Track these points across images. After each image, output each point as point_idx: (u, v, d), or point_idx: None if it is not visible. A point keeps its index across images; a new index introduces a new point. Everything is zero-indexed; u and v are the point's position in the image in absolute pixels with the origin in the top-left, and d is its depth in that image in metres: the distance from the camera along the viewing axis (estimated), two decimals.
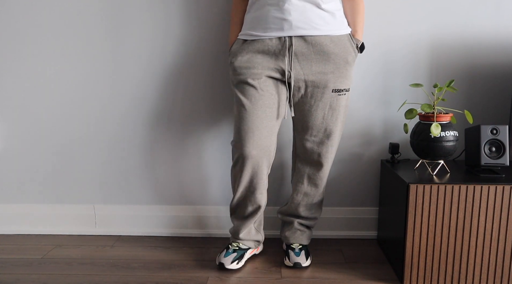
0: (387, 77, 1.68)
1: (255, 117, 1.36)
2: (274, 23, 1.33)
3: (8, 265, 1.56)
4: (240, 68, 1.37)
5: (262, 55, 1.36)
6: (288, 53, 1.34)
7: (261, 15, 1.34)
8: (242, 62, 1.37)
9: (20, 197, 1.85)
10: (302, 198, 1.55)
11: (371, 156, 1.74)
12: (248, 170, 1.42)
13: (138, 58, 1.70)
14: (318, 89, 1.38)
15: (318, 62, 1.36)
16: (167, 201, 1.82)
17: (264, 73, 1.36)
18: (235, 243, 1.56)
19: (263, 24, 1.34)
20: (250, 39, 1.37)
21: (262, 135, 1.37)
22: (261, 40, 1.35)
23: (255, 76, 1.36)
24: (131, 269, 1.53)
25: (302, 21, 1.32)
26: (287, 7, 1.30)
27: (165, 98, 1.73)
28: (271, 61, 1.36)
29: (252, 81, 1.36)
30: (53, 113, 1.76)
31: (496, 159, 1.40)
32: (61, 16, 1.67)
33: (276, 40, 1.34)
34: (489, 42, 1.63)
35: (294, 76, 1.36)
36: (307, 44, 1.34)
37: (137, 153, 1.79)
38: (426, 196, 1.33)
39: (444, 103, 1.67)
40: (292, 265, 1.50)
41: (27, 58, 1.72)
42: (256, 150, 1.38)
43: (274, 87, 1.38)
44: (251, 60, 1.36)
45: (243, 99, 1.37)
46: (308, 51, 1.34)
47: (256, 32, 1.36)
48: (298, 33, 1.32)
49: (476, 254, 1.36)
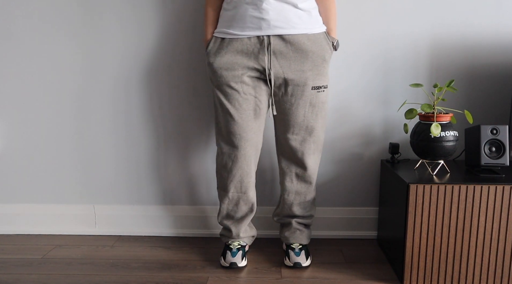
0: (387, 77, 1.68)
1: (241, 121, 1.41)
2: (252, 23, 1.34)
3: (8, 265, 1.56)
4: (220, 69, 1.38)
5: (241, 55, 1.37)
6: (267, 52, 1.35)
7: (239, 14, 1.35)
8: (222, 63, 1.38)
9: (20, 197, 1.85)
10: (294, 197, 1.55)
11: (371, 156, 1.74)
12: (238, 171, 1.47)
13: (139, 58, 1.70)
14: (298, 87, 1.39)
15: (296, 60, 1.37)
16: (167, 201, 1.82)
17: (245, 74, 1.38)
18: (236, 242, 1.57)
19: (240, 23, 1.35)
20: (228, 38, 1.37)
21: (248, 136, 1.43)
22: (240, 39, 1.36)
23: (237, 79, 1.37)
24: (131, 269, 1.53)
25: (280, 20, 1.33)
26: (265, 6, 1.32)
27: (165, 98, 1.73)
28: (251, 60, 1.37)
29: (235, 85, 1.38)
30: (53, 113, 1.76)
31: (496, 159, 1.40)
32: (60, 14, 1.67)
33: (254, 39, 1.35)
34: (489, 42, 1.63)
35: (274, 74, 1.38)
36: (285, 43, 1.36)
37: (137, 153, 1.79)
38: (426, 196, 1.33)
39: (444, 103, 1.67)
40: (292, 265, 1.50)
41: (25, 58, 1.72)
42: (245, 149, 1.44)
43: (255, 88, 1.40)
44: (231, 61, 1.37)
45: (227, 104, 1.40)
46: (287, 49, 1.36)
47: (234, 31, 1.36)
48: (276, 32, 1.34)
49: (476, 254, 1.36)
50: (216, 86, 1.42)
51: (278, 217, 1.62)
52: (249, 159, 1.47)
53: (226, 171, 1.49)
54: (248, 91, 1.39)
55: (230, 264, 1.49)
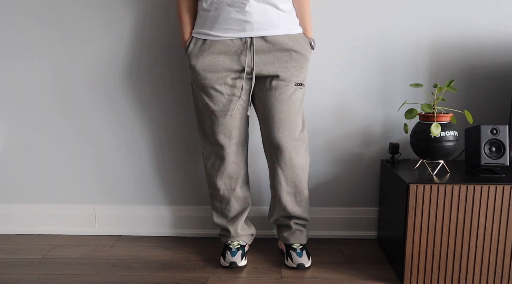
0: (387, 77, 1.68)
1: (225, 121, 1.43)
2: (235, 25, 1.35)
3: (8, 265, 1.56)
4: (204, 71, 1.39)
5: (223, 56, 1.37)
6: (250, 52, 1.37)
7: (220, 16, 1.35)
8: (205, 65, 1.38)
9: (20, 197, 1.85)
10: (286, 197, 1.52)
11: (371, 156, 1.74)
12: (226, 169, 1.50)
13: (138, 57, 1.70)
14: (283, 82, 1.41)
15: (280, 58, 1.39)
16: (167, 201, 1.82)
17: (228, 76, 1.39)
18: (235, 241, 1.58)
19: (223, 25, 1.35)
20: (210, 40, 1.37)
21: (233, 134, 1.46)
22: (222, 41, 1.36)
23: (221, 81, 1.39)
24: (131, 269, 1.53)
25: (263, 22, 1.35)
26: (248, 9, 1.33)
27: (165, 98, 1.73)
28: (234, 61, 1.37)
29: (219, 87, 1.40)
30: (53, 113, 1.76)
31: (496, 159, 1.40)
32: (59, 15, 1.68)
33: (237, 41, 1.36)
34: (489, 42, 1.63)
35: (257, 72, 1.39)
36: (268, 43, 1.37)
37: (137, 153, 1.79)
38: (426, 196, 1.33)
39: (444, 103, 1.67)
40: (296, 266, 1.50)
41: (25, 58, 1.72)
42: (231, 148, 1.48)
43: (238, 89, 1.42)
44: (214, 63, 1.38)
45: (211, 106, 1.42)
46: (269, 49, 1.38)
47: (216, 32, 1.36)
48: (258, 34, 1.36)
49: (476, 254, 1.36)
50: (200, 88, 1.43)
51: (275, 219, 1.61)
52: (235, 156, 1.49)
53: (214, 170, 1.52)
54: (232, 92, 1.41)
55: (230, 263, 1.50)
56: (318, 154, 1.75)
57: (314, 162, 1.76)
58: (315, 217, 1.79)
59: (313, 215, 1.79)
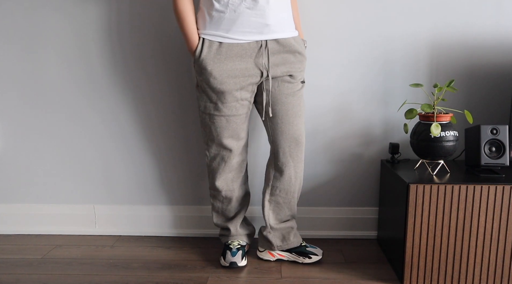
0: (387, 77, 1.68)
1: (235, 125, 1.43)
2: (254, 28, 1.34)
3: (8, 265, 1.56)
4: (221, 76, 1.35)
5: (240, 60, 1.36)
6: (265, 54, 1.37)
7: (239, 18, 1.32)
8: (224, 70, 1.35)
9: (20, 197, 1.85)
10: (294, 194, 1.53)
11: (371, 156, 1.74)
12: (231, 171, 1.50)
13: (141, 56, 1.70)
14: (293, 78, 1.43)
15: (287, 60, 1.41)
16: (167, 201, 1.82)
17: (246, 80, 1.38)
18: (236, 241, 1.58)
19: (241, 28, 1.34)
20: (227, 43, 1.34)
21: (240, 136, 1.46)
22: (240, 44, 1.35)
23: (238, 86, 1.38)
24: (131, 269, 1.53)
25: (278, 25, 1.37)
26: (268, 12, 1.33)
27: (165, 99, 1.73)
28: (250, 64, 1.37)
29: (235, 92, 1.38)
30: (53, 114, 1.76)
31: (496, 159, 1.40)
32: (62, 17, 1.67)
33: (253, 44, 1.36)
34: (489, 42, 1.63)
35: (272, 74, 1.39)
36: (279, 45, 1.38)
37: (137, 153, 1.79)
38: (426, 196, 1.33)
39: (444, 103, 1.67)
40: (321, 256, 1.57)
41: (25, 58, 1.72)
42: (238, 150, 1.48)
43: (251, 92, 1.42)
44: (233, 68, 1.36)
45: (225, 110, 1.40)
46: (279, 51, 1.39)
47: (234, 35, 1.34)
48: (274, 37, 1.37)
49: (476, 254, 1.36)
50: (214, 93, 1.38)
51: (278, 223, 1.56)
52: (239, 157, 1.50)
53: (217, 172, 1.51)
54: (245, 96, 1.41)
55: (230, 263, 1.50)
56: (318, 153, 1.75)
57: (314, 162, 1.76)
58: (315, 217, 1.79)
59: (313, 215, 1.79)
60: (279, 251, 1.58)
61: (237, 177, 1.54)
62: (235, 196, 1.56)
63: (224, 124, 1.42)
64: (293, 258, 1.58)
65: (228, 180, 1.52)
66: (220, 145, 1.46)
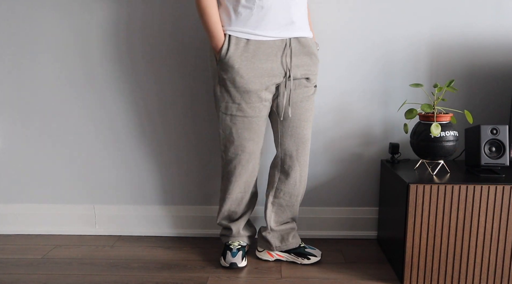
0: (387, 77, 1.68)
1: (257, 126, 1.41)
2: (282, 25, 1.33)
3: (8, 265, 1.56)
4: (248, 75, 1.32)
5: (266, 58, 1.33)
6: (288, 53, 1.36)
7: (268, 15, 1.30)
8: (251, 68, 1.32)
9: (20, 197, 1.85)
10: (298, 198, 1.54)
11: (371, 156, 1.74)
12: (246, 173, 1.48)
13: (140, 55, 1.70)
14: (308, 82, 1.43)
15: (305, 62, 1.40)
16: (167, 201, 1.82)
17: (271, 80, 1.36)
18: (236, 242, 1.58)
19: (270, 25, 1.32)
20: (255, 40, 1.32)
21: (259, 139, 1.44)
22: (267, 42, 1.33)
23: (263, 86, 1.35)
24: (131, 269, 1.53)
25: (301, 22, 1.37)
26: (294, 8, 1.33)
27: (165, 99, 1.73)
28: (275, 63, 1.35)
29: (261, 93, 1.36)
30: (53, 113, 1.76)
31: (496, 159, 1.40)
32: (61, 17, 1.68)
33: (279, 42, 1.35)
34: (489, 42, 1.63)
35: (293, 75, 1.39)
36: (300, 45, 1.38)
37: (137, 153, 1.79)
38: (426, 196, 1.33)
39: (444, 103, 1.67)
40: (320, 258, 1.56)
41: (25, 58, 1.72)
42: (256, 153, 1.46)
43: (273, 93, 1.41)
44: (260, 66, 1.33)
45: (249, 111, 1.37)
46: (299, 51, 1.38)
47: (261, 32, 1.31)
48: (297, 35, 1.36)
49: (476, 254, 1.36)
50: (239, 93, 1.34)
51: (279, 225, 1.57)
52: (255, 160, 1.47)
53: (234, 175, 1.47)
54: (268, 97, 1.39)
55: (230, 264, 1.50)
56: (319, 153, 1.75)
57: (314, 162, 1.76)
58: (315, 217, 1.79)
59: (313, 215, 1.79)
60: (278, 252, 1.58)
61: (251, 181, 1.52)
62: (245, 199, 1.54)
63: (247, 126, 1.39)
64: (291, 259, 1.58)
65: (242, 183, 1.49)
66: (239, 148, 1.42)
